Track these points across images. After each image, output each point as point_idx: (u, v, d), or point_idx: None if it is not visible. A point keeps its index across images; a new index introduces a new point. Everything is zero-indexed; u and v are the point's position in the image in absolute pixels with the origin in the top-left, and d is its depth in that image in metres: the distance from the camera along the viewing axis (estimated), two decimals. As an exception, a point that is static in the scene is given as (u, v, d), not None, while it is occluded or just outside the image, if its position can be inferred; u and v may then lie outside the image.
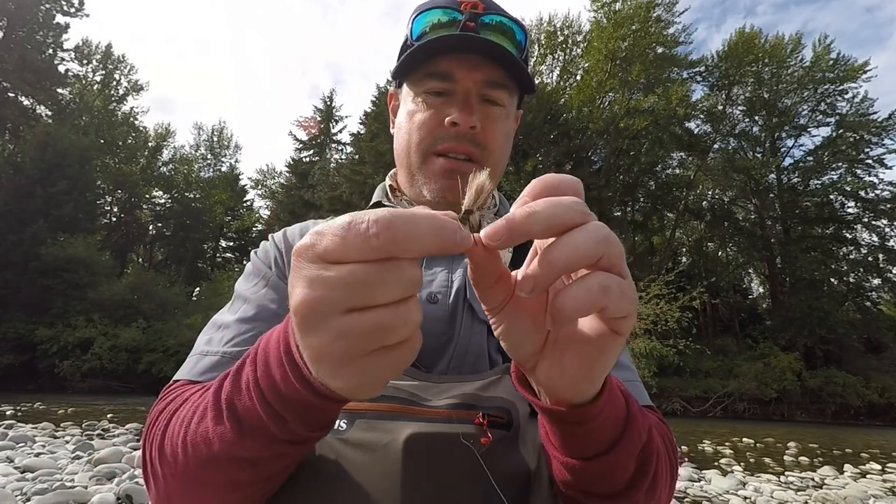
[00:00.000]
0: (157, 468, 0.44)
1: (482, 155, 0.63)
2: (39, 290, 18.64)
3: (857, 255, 22.55)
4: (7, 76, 22.74)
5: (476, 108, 0.62)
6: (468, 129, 0.61)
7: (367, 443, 0.46)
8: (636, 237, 26.57)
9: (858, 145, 22.22)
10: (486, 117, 0.63)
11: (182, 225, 31.13)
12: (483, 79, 0.63)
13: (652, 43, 22.50)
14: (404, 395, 0.50)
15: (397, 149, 0.69)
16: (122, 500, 3.20)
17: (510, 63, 0.62)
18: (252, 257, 0.69)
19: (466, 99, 0.62)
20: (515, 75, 0.64)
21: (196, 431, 0.39)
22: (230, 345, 0.55)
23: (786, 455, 7.24)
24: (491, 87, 0.63)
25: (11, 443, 5.01)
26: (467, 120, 0.61)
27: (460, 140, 0.62)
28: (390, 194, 0.73)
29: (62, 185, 20.91)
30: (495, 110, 0.64)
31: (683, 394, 16.78)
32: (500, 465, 0.48)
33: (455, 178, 0.62)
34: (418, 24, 0.64)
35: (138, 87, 31.79)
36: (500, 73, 0.63)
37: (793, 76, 23.42)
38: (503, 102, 0.65)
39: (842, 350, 19.58)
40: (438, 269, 0.63)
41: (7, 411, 8.61)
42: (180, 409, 0.44)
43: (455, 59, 0.62)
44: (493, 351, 0.57)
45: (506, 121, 0.66)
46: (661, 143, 24.04)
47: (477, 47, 0.61)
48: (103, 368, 17.05)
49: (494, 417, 0.49)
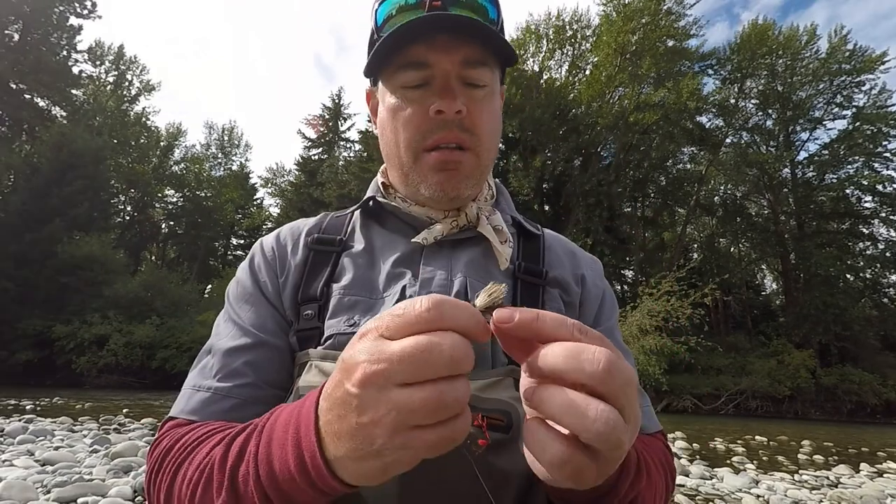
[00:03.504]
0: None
1: (472, 140, 0.60)
2: (56, 287, 19.03)
3: (874, 251, 22.03)
4: (23, 78, 23.15)
5: (458, 91, 0.58)
6: (454, 114, 0.57)
7: None
8: (647, 233, 26.29)
9: (876, 138, 21.67)
10: (470, 101, 0.59)
11: (194, 223, 31.53)
12: (460, 59, 0.58)
13: (662, 36, 22.15)
14: None
15: (385, 148, 0.65)
16: (139, 492, 3.26)
17: (486, 36, 0.57)
18: (240, 270, 0.68)
19: (446, 84, 0.58)
20: (494, 48, 0.59)
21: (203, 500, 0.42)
22: (220, 378, 0.56)
23: (800, 453, 7.14)
24: (470, 66, 0.58)
25: (32, 436, 5.13)
26: (451, 105, 0.57)
27: (448, 128, 0.58)
28: (383, 191, 0.69)
29: (77, 185, 21.29)
30: (478, 92, 0.60)
31: (695, 391, 16.61)
32: (499, 466, 0.48)
33: (450, 170, 0.59)
34: (382, 11, 0.60)
35: (150, 87, 32.21)
36: (477, 50, 0.58)
37: (808, 68, 22.90)
38: (486, 81, 0.60)
39: (858, 347, 19.21)
40: (437, 269, 0.60)
41: (27, 406, 8.83)
42: (184, 466, 0.46)
43: (426, 43, 0.57)
44: (497, 352, 0.55)
45: (491, 100, 0.62)
46: (672, 137, 23.71)
47: (448, 26, 0.56)
48: (118, 364, 17.38)
49: (493, 419, 0.48)
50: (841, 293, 20.04)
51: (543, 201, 24.47)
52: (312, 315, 0.58)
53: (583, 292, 0.66)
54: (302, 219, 0.73)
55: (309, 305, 0.59)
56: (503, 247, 0.61)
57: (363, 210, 0.69)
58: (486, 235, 0.62)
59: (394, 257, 0.62)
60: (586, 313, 0.65)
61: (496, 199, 0.72)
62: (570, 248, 0.71)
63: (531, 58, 24.91)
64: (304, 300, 0.60)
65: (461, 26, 0.56)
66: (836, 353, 19.02)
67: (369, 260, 0.63)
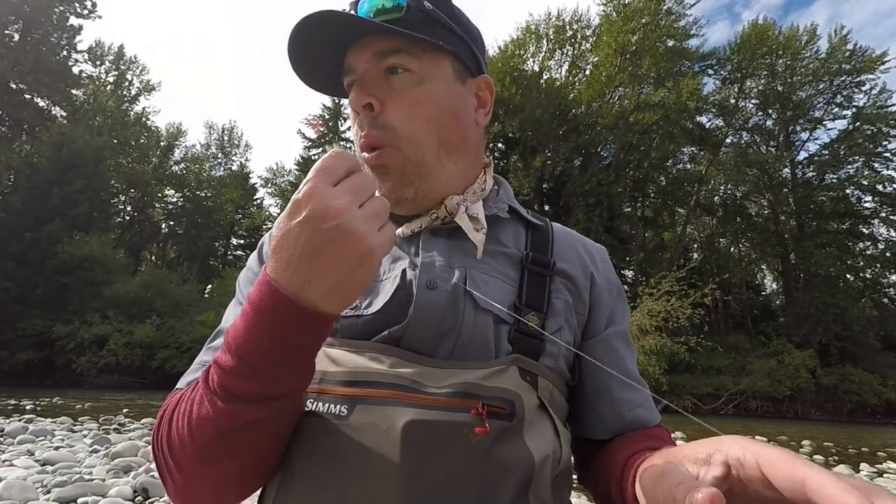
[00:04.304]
0: (171, 463, 0.46)
1: (390, 137, 0.56)
2: (56, 287, 19.04)
3: (875, 251, 22.04)
4: (23, 78, 23.17)
5: (373, 84, 0.55)
6: (361, 108, 0.55)
7: (367, 428, 0.47)
8: (647, 233, 26.31)
9: (876, 138, 21.68)
10: (388, 92, 0.55)
11: (194, 223, 31.53)
12: (373, 52, 0.55)
13: (662, 36, 22.16)
14: (405, 383, 0.50)
15: None
16: (139, 492, 3.27)
17: (403, 25, 0.54)
18: (251, 258, 0.69)
19: (361, 79, 0.56)
20: (423, 33, 0.55)
21: (199, 415, 0.43)
22: None
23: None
24: (385, 56, 0.55)
25: (32, 436, 5.13)
26: (358, 98, 0.55)
27: (364, 128, 0.56)
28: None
29: (77, 185, 21.30)
30: (398, 78, 0.56)
31: (695, 391, 16.61)
32: (500, 455, 0.48)
33: (380, 174, 0.57)
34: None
35: (150, 87, 32.21)
36: (391, 41, 0.55)
37: (808, 68, 22.90)
38: (409, 67, 0.56)
39: (858, 347, 19.22)
40: (436, 255, 0.59)
41: (27, 406, 8.84)
42: (179, 405, 0.47)
43: (352, 50, 0.57)
44: (501, 340, 0.55)
45: (420, 86, 0.56)
46: (672, 137, 23.71)
47: (365, 27, 0.54)
48: (118, 364, 17.38)
49: (495, 408, 0.48)
50: (841, 293, 20.04)
51: (543, 201, 24.48)
52: None
53: (593, 290, 0.65)
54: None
55: None
56: (477, 234, 0.59)
57: None
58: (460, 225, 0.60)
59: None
60: (599, 313, 0.65)
61: (497, 192, 0.70)
62: (579, 241, 0.71)
63: (531, 58, 24.93)
64: None
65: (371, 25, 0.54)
66: (836, 353, 19.03)
67: None
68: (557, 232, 0.70)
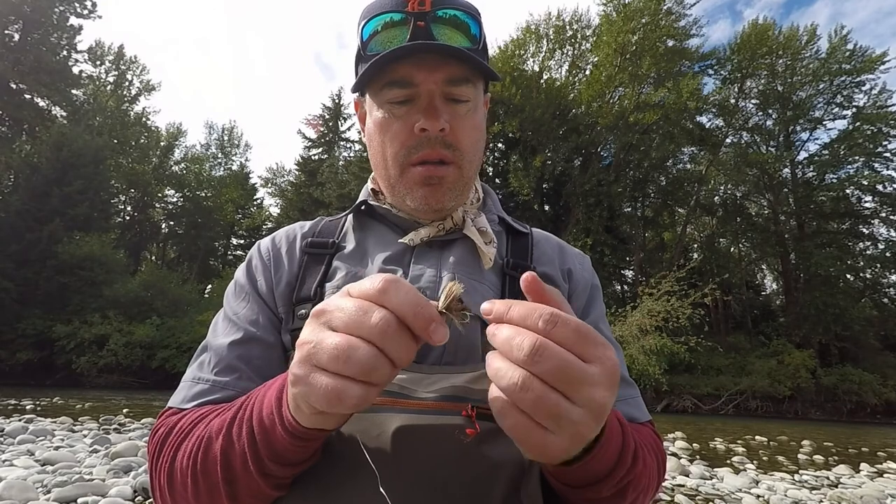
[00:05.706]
0: (168, 497, 0.50)
1: (455, 155, 0.63)
2: (56, 287, 19.03)
3: (875, 251, 22.03)
4: (23, 78, 23.14)
5: (441, 109, 0.61)
6: (437, 133, 0.60)
7: (359, 435, 0.49)
8: (647, 233, 26.29)
9: (876, 138, 21.66)
10: (453, 117, 0.62)
11: (194, 223, 31.52)
12: (444, 78, 0.60)
13: (662, 36, 22.14)
14: (395, 389, 0.52)
15: (373, 159, 0.68)
16: (139, 492, 3.27)
17: (468, 59, 0.60)
18: (238, 271, 0.71)
19: (430, 102, 0.60)
20: (476, 67, 0.62)
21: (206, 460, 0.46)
22: (217, 372, 0.60)
23: (800, 453, 7.14)
24: (453, 84, 0.61)
25: (32, 436, 5.13)
26: (435, 125, 0.60)
27: (432, 146, 0.61)
28: (374, 196, 0.73)
29: (77, 185, 21.29)
30: (461, 108, 0.62)
31: (695, 391, 16.61)
32: (491, 455, 0.50)
33: (433, 185, 0.62)
34: (368, 28, 0.62)
35: (150, 87, 32.20)
36: (460, 69, 0.61)
37: (808, 68, 22.89)
38: (468, 97, 0.63)
39: (858, 347, 19.22)
40: (427, 267, 0.63)
41: (27, 406, 8.83)
42: (184, 444, 0.49)
43: (412, 62, 0.60)
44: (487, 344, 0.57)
45: (474, 115, 0.65)
46: (672, 137, 23.70)
47: (433, 49, 0.59)
48: (119, 364, 17.38)
49: (484, 410, 0.49)
50: (841, 293, 20.04)
51: (543, 201, 24.46)
52: (306, 314, 0.60)
53: (570, 286, 0.70)
54: (298, 222, 0.76)
55: (303, 305, 0.62)
56: (488, 247, 0.64)
57: (356, 213, 0.73)
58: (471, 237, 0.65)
59: (384, 256, 0.65)
60: (575, 307, 0.68)
61: (483, 200, 0.74)
62: (557, 245, 0.75)
63: (531, 58, 24.91)
64: (298, 301, 0.63)
65: (446, 50, 0.59)
66: (836, 353, 19.02)
67: (361, 259, 0.66)
68: (537, 237, 0.74)
